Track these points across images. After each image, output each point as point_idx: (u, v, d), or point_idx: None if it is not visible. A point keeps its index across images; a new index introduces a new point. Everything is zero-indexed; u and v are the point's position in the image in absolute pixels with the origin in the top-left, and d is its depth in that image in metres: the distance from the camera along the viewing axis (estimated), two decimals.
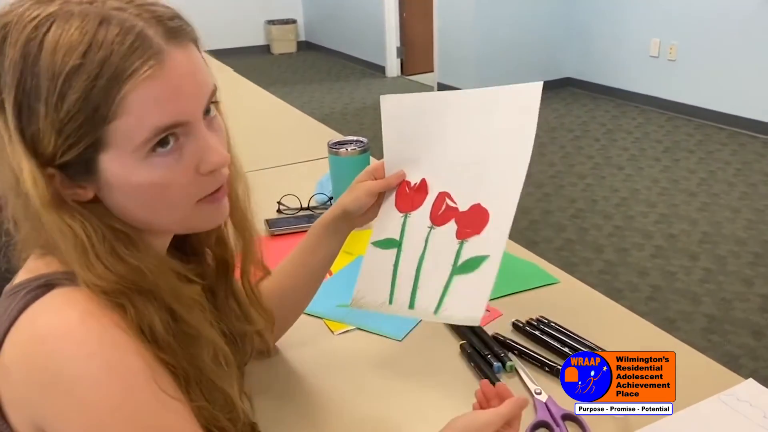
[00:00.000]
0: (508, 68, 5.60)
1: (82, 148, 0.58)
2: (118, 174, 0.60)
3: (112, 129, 0.57)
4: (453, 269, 0.84)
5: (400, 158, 0.91)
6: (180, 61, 0.59)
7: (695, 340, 2.40)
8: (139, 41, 0.57)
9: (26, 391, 0.57)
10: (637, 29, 5.19)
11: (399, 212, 0.90)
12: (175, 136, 0.61)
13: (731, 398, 0.85)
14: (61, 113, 0.56)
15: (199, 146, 0.62)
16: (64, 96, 0.56)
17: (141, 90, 0.57)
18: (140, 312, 0.60)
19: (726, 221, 3.32)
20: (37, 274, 0.62)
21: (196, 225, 0.69)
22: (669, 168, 4.03)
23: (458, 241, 0.85)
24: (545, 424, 0.83)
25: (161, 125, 0.59)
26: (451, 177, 0.87)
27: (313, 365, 0.98)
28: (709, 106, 4.77)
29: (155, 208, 0.63)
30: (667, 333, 1.02)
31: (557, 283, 1.16)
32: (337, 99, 5.92)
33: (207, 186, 0.65)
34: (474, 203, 0.85)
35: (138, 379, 0.58)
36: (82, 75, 0.55)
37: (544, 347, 0.98)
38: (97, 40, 0.56)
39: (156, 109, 0.58)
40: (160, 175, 0.61)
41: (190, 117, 0.61)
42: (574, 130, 4.77)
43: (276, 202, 1.49)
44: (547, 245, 3.14)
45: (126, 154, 0.59)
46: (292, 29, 8.05)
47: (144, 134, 0.58)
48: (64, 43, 0.55)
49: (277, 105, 2.51)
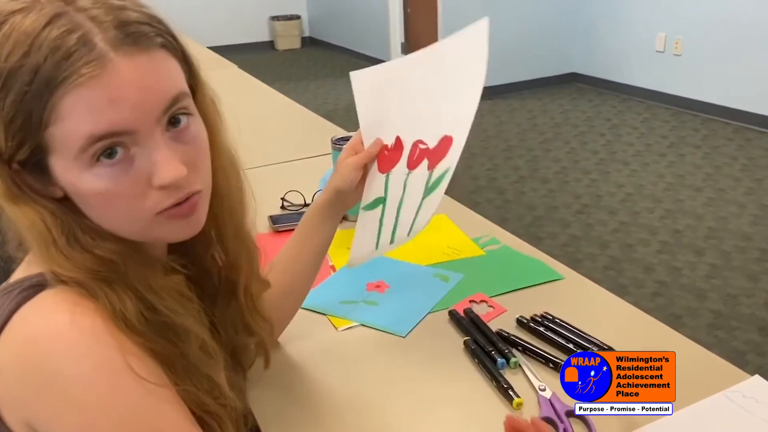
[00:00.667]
0: (514, 64, 5.58)
1: (29, 150, 0.58)
2: (66, 178, 0.60)
3: (49, 134, 0.57)
4: (424, 193, 0.92)
5: (375, 127, 0.94)
6: (125, 69, 0.57)
7: (701, 337, 2.39)
8: (77, 46, 0.55)
9: (19, 392, 0.57)
10: (643, 24, 5.17)
11: (381, 174, 0.94)
12: (124, 146, 0.59)
13: (737, 395, 0.85)
14: (2, 113, 0.56)
15: (150, 158, 0.60)
16: (5, 97, 0.56)
17: (73, 96, 0.56)
18: (110, 299, 0.60)
19: (732, 217, 3.30)
20: (29, 273, 0.62)
21: (161, 237, 0.67)
22: (674, 163, 4.02)
23: (429, 172, 0.91)
24: (549, 421, 0.83)
25: (96, 133, 0.57)
26: (420, 125, 0.93)
27: (317, 361, 0.98)
28: (715, 101, 4.75)
29: (109, 217, 0.62)
30: (672, 329, 1.01)
31: (562, 279, 1.16)
32: (341, 95, 5.92)
33: (163, 199, 0.62)
34: (441, 136, 0.91)
35: (129, 379, 0.58)
36: (18, 78, 0.55)
37: (549, 343, 0.97)
38: (38, 41, 0.55)
39: (90, 117, 0.56)
40: (106, 185, 0.59)
41: (134, 127, 0.58)
42: (579, 126, 4.75)
43: (280, 198, 1.49)
44: (551, 241, 3.13)
45: (69, 160, 0.58)
46: (296, 25, 8.04)
47: (78, 142, 0.57)
48: (10, 43, 0.56)
49: (281, 101, 2.51)
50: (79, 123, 0.56)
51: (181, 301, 0.66)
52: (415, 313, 1.06)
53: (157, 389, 0.60)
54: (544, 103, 5.28)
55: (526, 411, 0.86)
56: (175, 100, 0.61)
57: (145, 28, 0.59)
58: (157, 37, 0.60)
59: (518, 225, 3.30)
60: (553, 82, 5.76)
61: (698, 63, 4.83)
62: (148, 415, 0.59)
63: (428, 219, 0.94)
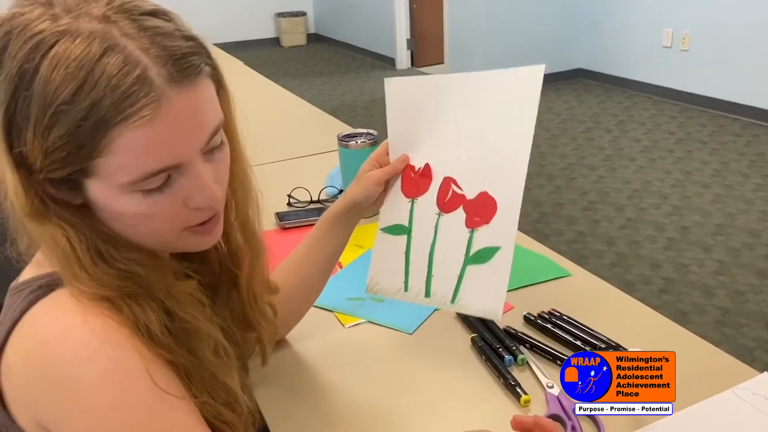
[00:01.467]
0: (520, 59, 5.54)
1: (67, 173, 0.57)
2: (102, 200, 0.59)
3: (97, 164, 0.56)
4: (466, 258, 0.86)
5: (404, 142, 0.91)
6: (181, 105, 0.56)
7: (708, 333, 2.38)
8: (137, 85, 0.54)
9: (30, 393, 0.57)
10: (650, 19, 5.14)
11: (405, 198, 0.91)
12: (167, 175, 0.59)
13: (745, 392, 0.84)
14: (47, 142, 0.55)
15: (190, 183, 0.60)
16: (51, 128, 0.54)
17: (131, 136, 0.55)
18: (135, 313, 0.60)
19: (740, 213, 3.29)
20: (40, 273, 0.62)
21: (182, 248, 0.68)
22: (682, 159, 4.00)
23: (468, 230, 0.86)
24: (557, 418, 0.83)
25: (150, 171, 0.57)
26: (454, 162, 0.88)
27: (324, 358, 0.98)
28: (723, 97, 4.72)
29: (137, 232, 0.62)
30: (679, 326, 1.01)
31: (569, 276, 1.16)
32: (347, 91, 5.92)
33: (194, 218, 0.63)
34: (481, 191, 0.85)
35: (139, 380, 0.58)
36: (70, 113, 0.53)
37: (556, 340, 0.97)
38: (93, 75, 0.53)
39: (146, 156, 0.56)
40: (144, 208, 0.59)
41: (184, 159, 0.59)
42: (585, 122, 4.73)
43: (286, 195, 1.49)
44: (558, 238, 3.13)
45: (111, 186, 0.58)
46: (301, 22, 8.04)
47: (131, 177, 0.57)
48: (60, 72, 0.53)
49: (287, 98, 2.51)
50: (134, 161, 0.56)
51: (197, 305, 0.67)
52: (423, 310, 1.05)
53: (172, 399, 0.59)
54: (550, 99, 5.27)
55: (533, 408, 0.86)
56: (217, 129, 0.62)
57: (195, 59, 0.58)
58: (205, 67, 0.60)
59: (525, 221, 3.29)
60: (559, 78, 5.74)
61: (706, 58, 4.81)
62: (159, 422, 0.58)
63: (488, 305, 0.84)
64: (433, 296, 0.88)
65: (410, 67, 6.76)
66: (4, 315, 0.62)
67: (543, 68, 0.81)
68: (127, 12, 0.56)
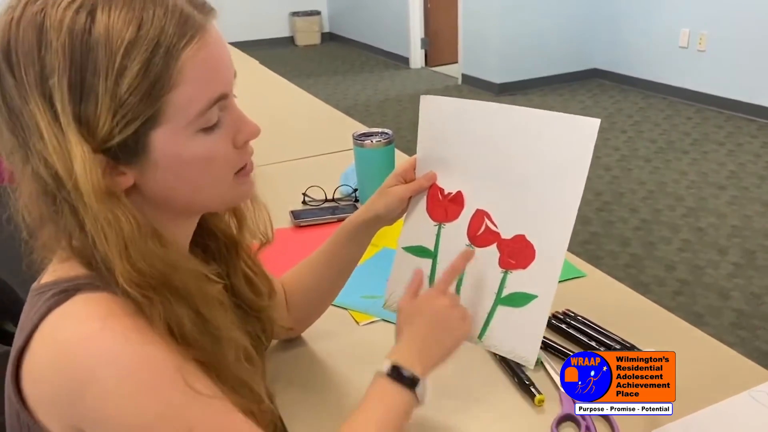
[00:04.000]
0: (534, 59, 5.55)
1: (138, 125, 0.58)
2: (169, 150, 0.60)
3: (168, 101, 0.58)
4: (497, 299, 0.82)
5: (434, 163, 0.87)
6: (216, 34, 0.62)
7: (724, 336, 2.37)
8: (184, 16, 0.59)
9: (57, 397, 0.58)
10: (666, 19, 5.11)
11: (432, 220, 0.87)
12: (218, 110, 0.62)
13: (761, 394, 0.84)
14: (122, 87, 0.56)
15: (234, 119, 0.64)
16: (125, 69, 0.56)
17: (195, 61, 0.59)
18: (169, 309, 0.60)
19: (756, 215, 3.26)
20: (60, 277, 0.62)
21: (232, 200, 0.71)
22: (697, 160, 3.97)
23: (502, 270, 0.82)
24: (571, 418, 0.83)
25: (214, 96, 0.61)
26: (491, 196, 0.83)
27: (338, 356, 0.98)
28: (740, 98, 4.68)
29: (199, 184, 0.64)
30: (695, 327, 1.00)
31: (583, 277, 1.15)
32: (361, 91, 5.92)
33: (242, 158, 0.67)
34: (518, 233, 0.81)
35: (164, 375, 0.58)
36: (140, 47, 0.56)
37: (571, 341, 0.97)
38: (147, 16, 0.57)
39: (209, 80, 0.60)
40: (208, 149, 0.62)
41: (227, 89, 0.63)
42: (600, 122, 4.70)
43: (301, 193, 1.50)
44: (572, 238, 3.07)
45: (179, 129, 0.60)
46: (316, 21, 8.06)
47: (199, 106, 0.60)
48: (116, 21, 0.56)
49: (302, 97, 2.52)
50: (200, 86, 0.60)
51: (222, 308, 0.68)
52: None
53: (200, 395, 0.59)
54: (565, 100, 5.24)
55: (548, 408, 0.86)
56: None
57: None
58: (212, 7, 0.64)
59: None
60: (574, 78, 5.71)
61: (722, 59, 4.77)
62: (191, 413, 0.59)
63: (520, 351, 0.82)
64: None
65: (424, 66, 6.76)
66: (26, 315, 0.62)
67: (599, 122, 0.77)
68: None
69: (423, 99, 0.87)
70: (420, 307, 0.79)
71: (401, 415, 0.72)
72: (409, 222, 0.89)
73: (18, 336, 0.62)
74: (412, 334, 0.77)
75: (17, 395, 0.61)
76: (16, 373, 0.61)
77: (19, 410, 0.61)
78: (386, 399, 0.72)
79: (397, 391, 0.72)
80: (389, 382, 0.73)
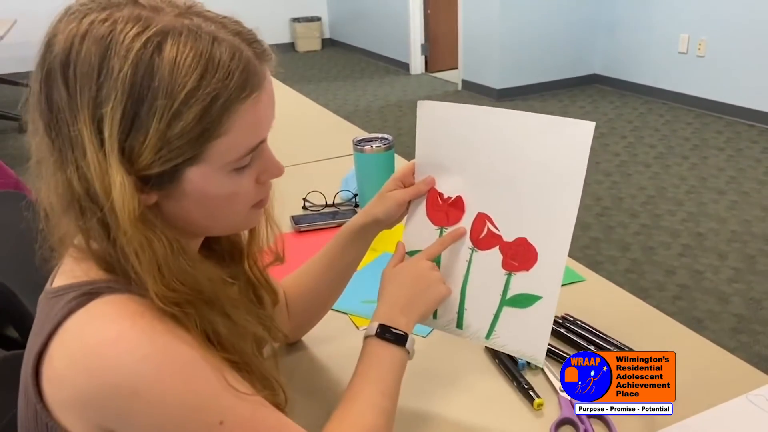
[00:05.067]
0: (534, 65, 5.56)
1: (178, 162, 0.59)
2: (200, 185, 0.62)
3: (211, 146, 0.60)
4: (502, 300, 0.83)
5: (432, 168, 0.88)
6: (269, 86, 0.64)
7: (723, 341, 2.37)
8: (249, 66, 0.60)
9: (86, 399, 0.58)
10: (666, 24, 5.12)
11: (433, 224, 0.88)
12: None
13: (759, 398, 0.84)
14: (173, 130, 0.57)
15: (265, 158, 0.67)
16: (180, 114, 0.57)
17: (247, 113, 0.60)
18: (204, 319, 0.62)
19: (756, 220, 3.26)
20: (78, 280, 0.62)
21: (241, 228, 0.73)
22: (697, 166, 3.98)
23: (505, 272, 0.83)
24: (570, 422, 0.83)
25: (253, 146, 0.63)
26: (491, 200, 0.84)
27: (339, 361, 0.99)
28: (739, 103, 4.69)
29: (218, 216, 0.66)
30: (694, 332, 1.01)
31: (583, 281, 1.16)
32: (362, 96, 5.93)
33: (262, 193, 0.69)
34: (520, 236, 0.82)
35: (194, 370, 0.59)
36: (199, 97, 0.57)
37: (570, 345, 0.98)
38: (213, 62, 0.58)
39: (254, 132, 0.62)
40: (235, 187, 0.64)
41: (267, 133, 0.65)
42: (600, 128, 4.72)
43: (301, 198, 1.50)
44: (572, 243, 3.07)
45: (215, 169, 0.61)
46: (316, 27, 8.08)
47: (239, 153, 0.62)
48: (182, 61, 0.56)
49: (302, 102, 2.53)
50: (244, 137, 0.61)
51: (243, 307, 0.70)
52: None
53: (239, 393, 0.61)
54: (565, 105, 5.25)
55: (546, 412, 0.86)
56: None
57: (261, 45, 0.64)
58: (269, 52, 0.65)
59: None
60: (573, 83, 5.72)
61: (722, 64, 4.78)
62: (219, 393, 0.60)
63: (528, 350, 0.83)
64: (467, 329, 0.86)
65: (424, 72, 6.77)
66: (43, 319, 0.62)
67: (593, 125, 0.77)
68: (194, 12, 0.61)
69: (420, 105, 0.87)
70: (402, 268, 0.83)
71: (396, 370, 0.76)
72: (411, 226, 0.90)
73: (34, 339, 0.62)
74: (395, 291, 0.81)
75: (37, 396, 0.60)
76: (35, 375, 0.61)
77: (39, 411, 0.60)
78: (379, 358, 0.76)
79: (388, 349, 0.76)
80: (379, 342, 0.77)
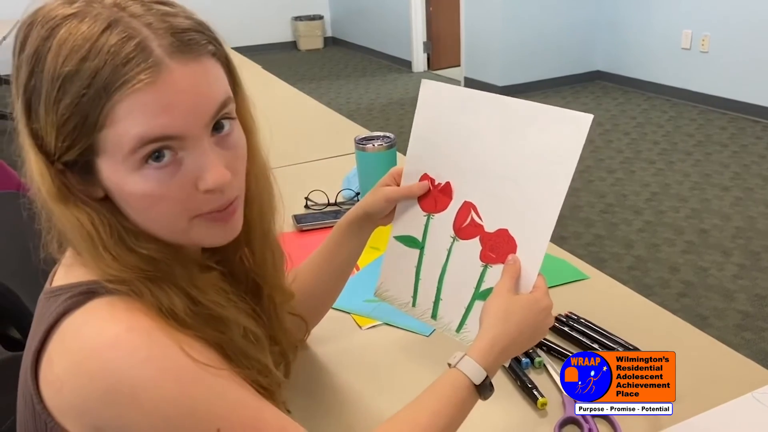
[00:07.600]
0: (537, 62, 5.55)
1: (79, 151, 0.59)
2: (112, 179, 0.61)
3: (102, 136, 0.58)
4: (475, 292, 0.82)
5: (425, 152, 0.87)
6: (179, 76, 0.59)
7: (728, 338, 2.36)
8: (136, 52, 0.57)
9: (84, 402, 0.58)
10: (669, 20, 5.10)
11: (422, 210, 0.87)
12: (172, 150, 0.60)
13: (765, 396, 0.84)
14: (57, 116, 0.58)
15: (197, 163, 0.61)
16: (60, 100, 0.57)
17: (129, 101, 0.57)
18: (158, 297, 0.62)
19: (760, 216, 3.25)
20: (76, 280, 0.62)
21: (198, 240, 0.67)
22: (701, 162, 3.96)
23: (482, 264, 0.82)
24: (574, 421, 0.83)
25: (146, 137, 0.58)
26: (478, 188, 0.83)
27: (341, 360, 0.98)
28: (743, 99, 4.67)
29: (151, 218, 0.63)
30: (699, 329, 1.00)
31: (587, 279, 1.15)
32: (364, 95, 5.93)
33: (206, 203, 0.63)
34: (501, 227, 0.81)
35: (190, 373, 0.59)
36: (75, 82, 0.57)
37: (574, 343, 0.97)
38: (96, 46, 0.57)
39: (143, 121, 0.58)
40: (152, 187, 0.60)
41: (184, 132, 0.60)
42: (603, 124, 4.70)
43: (304, 197, 1.50)
44: (576, 241, 3.11)
45: (118, 161, 0.60)
46: (318, 25, 8.07)
47: (130, 144, 0.58)
48: (67, 47, 0.57)
49: (304, 101, 2.53)
50: (132, 126, 0.58)
51: (222, 293, 0.68)
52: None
53: (219, 372, 0.61)
54: (568, 102, 5.24)
55: (550, 411, 0.85)
56: (222, 106, 0.63)
57: (197, 36, 0.61)
58: (208, 45, 0.62)
59: None
60: (577, 80, 5.71)
61: (726, 60, 4.76)
62: (217, 399, 0.60)
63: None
64: (439, 320, 0.86)
65: (427, 70, 6.77)
66: (40, 318, 0.62)
67: (591, 118, 0.76)
68: (139, 1, 0.61)
69: (423, 83, 0.87)
70: (526, 307, 0.76)
71: (458, 407, 0.71)
72: (401, 211, 0.89)
73: (32, 339, 0.62)
74: (503, 333, 0.74)
75: (37, 396, 0.60)
76: (34, 375, 0.61)
77: (39, 412, 0.60)
78: (446, 390, 0.71)
79: (458, 384, 0.72)
80: (454, 374, 0.72)
